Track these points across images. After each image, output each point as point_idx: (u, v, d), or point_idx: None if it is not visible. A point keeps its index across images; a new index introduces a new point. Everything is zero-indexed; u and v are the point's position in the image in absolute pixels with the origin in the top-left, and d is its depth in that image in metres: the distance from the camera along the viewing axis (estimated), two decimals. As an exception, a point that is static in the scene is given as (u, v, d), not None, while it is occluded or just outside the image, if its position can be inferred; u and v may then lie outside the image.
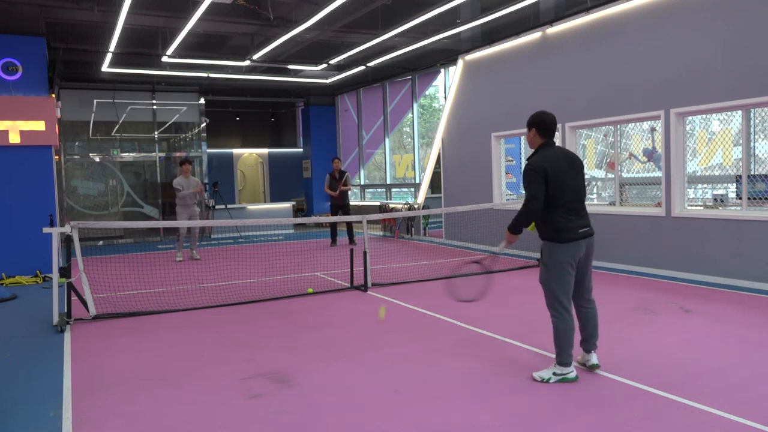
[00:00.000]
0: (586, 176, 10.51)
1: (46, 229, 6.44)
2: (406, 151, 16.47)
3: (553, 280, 4.23)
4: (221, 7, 10.21)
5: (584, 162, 10.06)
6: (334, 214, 13.06)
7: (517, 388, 4.14)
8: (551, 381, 4.18)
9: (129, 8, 9.10)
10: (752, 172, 7.52)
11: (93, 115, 15.28)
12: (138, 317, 6.68)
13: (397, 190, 16.77)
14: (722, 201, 8.02)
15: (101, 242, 14.55)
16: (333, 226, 13.12)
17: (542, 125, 4.36)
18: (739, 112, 7.49)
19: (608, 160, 9.60)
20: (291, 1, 10.41)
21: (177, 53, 12.09)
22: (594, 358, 4.39)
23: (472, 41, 12.13)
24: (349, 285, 8.02)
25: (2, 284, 9.01)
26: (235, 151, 21.54)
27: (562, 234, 4.17)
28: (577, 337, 4.43)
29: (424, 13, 9.94)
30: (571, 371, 4.20)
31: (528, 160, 4.32)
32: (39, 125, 9.63)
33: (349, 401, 3.98)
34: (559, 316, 4.23)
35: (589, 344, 4.42)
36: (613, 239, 8.98)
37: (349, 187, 13.04)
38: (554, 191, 4.15)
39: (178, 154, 16.25)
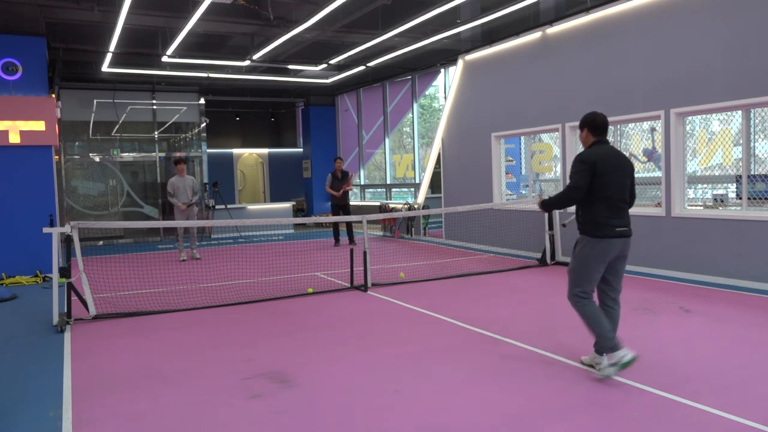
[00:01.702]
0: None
1: (46, 229, 6.44)
2: (406, 151, 16.47)
3: (580, 270, 4.33)
4: (221, 7, 10.21)
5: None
6: (335, 213, 13.10)
7: (517, 388, 4.14)
8: (611, 375, 4.14)
9: (129, 8, 9.10)
10: (752, 172, 7.52)
11: (93, 115, 15.28)
12: (138, 317, 6.68)
13: (397, 190, 16.77)
14: (722, 201, 8.02)
15: (101, 242, 14.54)
16: (335, 226, 13.13)
17: (593, 124, 4.42)
18: (739, 112, 7.49)
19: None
20: (291, 1, 10.41)
21: (177, 53, 12.09)
22: (605, 362, 4.32)
23: (472, 41, 12.13)
24: (349, 285, 8.02)
25: (2, 284, 9.01)
26: (235, 151, 21.54)
27: (600, 229, 4.24)
28: (590, 336, 4.40)
29: (424, 13, 9.94)
30: (624, 354, 4.12)
31: (580, 153, 4.43)
32: (39, 125, 9.63)
33: (349, 401, 3.98)
34: (580, 302, 4.29)
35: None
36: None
37: (352, 187, 13.15)
38: (599, 186, 4.24)
39: (178, 154, 16.25)
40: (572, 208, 4.60)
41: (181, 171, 11.23)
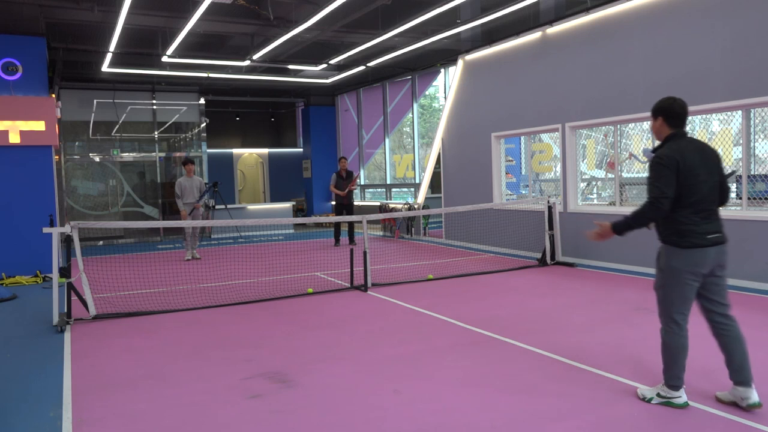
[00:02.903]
0: (586, 176, 10.55)
1: (46, 229, 6.44)
2: (406, 151, 16.47)
3: (668, 288, 3.70)
4: (221, 7, 10.21)
5: (584, 162, 10.12)
6: (338, 213, 13.12)
7: (517, 388, 4.14)
8: (653, 402, 3.73)
9: (129, 8, 9.10)
10: (752, 172, 7.52)
11: (93, 115, 15.28)
12: (138, 317, 6.68)
13: (397, 190, 16.77)
14: (722, 201, 8.00)
15: (101, 242, 14.55)
16: (337, 226, 13.16)
17: (670, 112, 3.71)
18: (739, 112, 7.49)
19: (608, 160, 9.61)
20: (291, 1, 10.40)
21: (177, 53, 12.09)
22: (754, 395, 3.60)
23: (472, 41, 12.13)
24: (349, 285, 8.02)
25: (2, 284, 9.01)
26: (235, 151, 21.54)
27: (686, 238, 3.60)
28: (717, 363, 3.85)
29: (424, 13, 9.94)
30: (679, 396, 3.68)
31: (655, 152, 3.74)
32: (39, 125, 9.63)
33: (349, 401, 3.98)
34: (668, 330, 3.72)
35: (741, 375, 3.65)
36: (613, 239, 8.96)
37: (356, 187, 13.18)
38: (683, 189, 3.57)
39: (178, 154, 16.25)
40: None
41: (190, 171, 11.29)
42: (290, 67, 14.21)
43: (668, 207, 3.59)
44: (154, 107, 15.95)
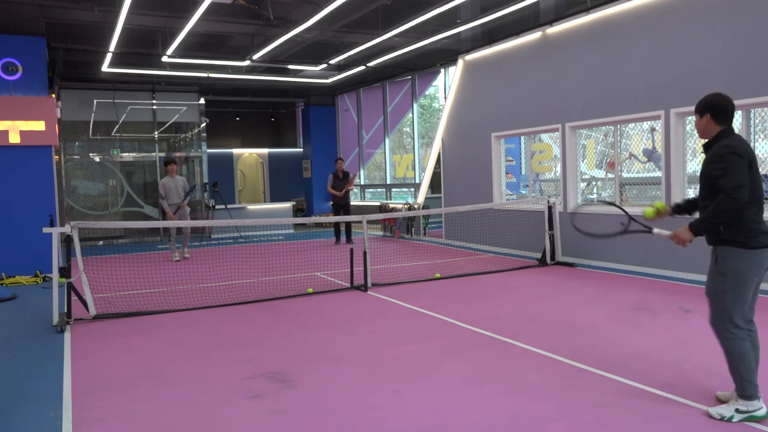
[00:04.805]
0: (586, 176, 10.56)
1: (46, 229, 6.44)
2: (406, 151, 16.47)
3: (731, 294, 3.44)
4: (221, 7, 10.21)
5: (584, 162, 10.13)
6: (336, 213, 13.26)
7: (517, 388, 4.14)
8: (733, 420, 3.43)
9: (129, 8, 9.10)
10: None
11: (93, 115, 15.28)
12: (138, 317, 6.68)
13: (397, 190, 16.77)
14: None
15: (101, 242, 14.54)
16: (336, 225, 13.28)
17: (720, 109, 3.53)
18: (739, 111, 7.49)
19: (608, 160, 9.61)
20: (291, 1, 10.41)
21: (177, 53, 12.09)
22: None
23: (472, 41, 12.13)
24: (349, 285, 8.02)
25: (2, 284, 9.01)
26: (235, 151, 21.55)
27: (755, 238, 3.36)
28: (721, 362, 3.70)
29: (424, 13, 9.94)
30: (760, 407, 3.43)
31: (720, 144, 3.50)
32: (39, 125, 9.63)
33: (349, 401, 3.98)
34: (731, 336, 3.48)
35: None
36: (614, 239, 8.96)
37: (353, 187, 13.25)
38: (752, 183, 3.38)
39: (178, 154, 16.25)
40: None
41: (172, 171, 11.21)
42: (290, 67, 14.22)
43: (747, 197, 3.34)
44: (154, 107, 15.94)
